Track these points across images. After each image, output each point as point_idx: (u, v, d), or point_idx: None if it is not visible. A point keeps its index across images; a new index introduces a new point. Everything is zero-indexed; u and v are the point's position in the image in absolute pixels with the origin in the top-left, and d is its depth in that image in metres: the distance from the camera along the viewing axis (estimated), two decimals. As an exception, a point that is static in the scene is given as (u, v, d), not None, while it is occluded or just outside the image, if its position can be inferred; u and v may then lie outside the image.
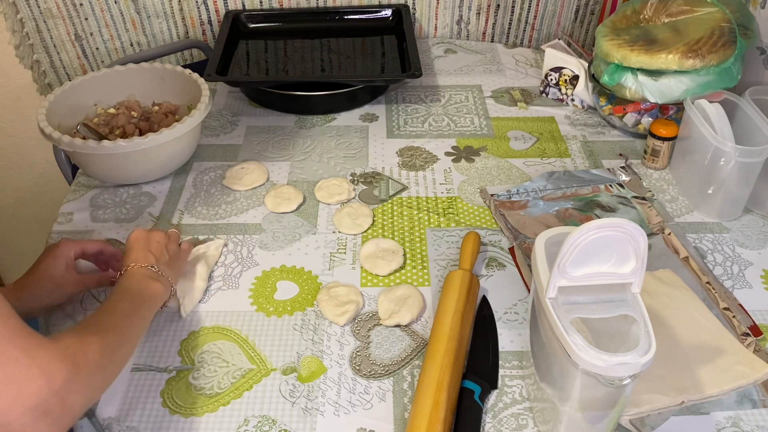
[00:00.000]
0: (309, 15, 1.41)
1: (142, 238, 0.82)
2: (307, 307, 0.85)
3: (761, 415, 0.72)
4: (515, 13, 1.45)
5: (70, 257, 0.83)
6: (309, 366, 0.78)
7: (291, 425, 0.72)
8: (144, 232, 0.83)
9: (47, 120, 0.99)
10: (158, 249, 0.81)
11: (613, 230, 0.58)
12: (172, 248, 0.85)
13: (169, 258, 0.82)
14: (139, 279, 0.76)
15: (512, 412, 0.73)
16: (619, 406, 0.63)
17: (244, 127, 1.19)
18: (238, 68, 1.26)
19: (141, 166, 1.02)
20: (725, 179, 0.94)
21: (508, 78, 1.34)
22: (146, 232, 0.83)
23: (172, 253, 0.84)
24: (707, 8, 1.05)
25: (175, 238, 0.88)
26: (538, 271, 0.63)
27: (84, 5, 1.36)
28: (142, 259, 0.78)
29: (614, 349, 0.57)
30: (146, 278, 0.76)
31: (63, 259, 0.82)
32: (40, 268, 0.81)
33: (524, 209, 0.99)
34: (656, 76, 1.05)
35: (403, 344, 0.81)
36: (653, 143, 1.06)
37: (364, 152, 1.13)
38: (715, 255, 0.93)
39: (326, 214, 1.00)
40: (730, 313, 0.82)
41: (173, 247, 0.85)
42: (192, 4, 1.39)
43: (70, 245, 0.83)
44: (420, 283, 0.88)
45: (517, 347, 0.80)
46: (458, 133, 1.18)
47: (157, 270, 0.78)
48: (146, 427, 0.72)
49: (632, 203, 1.00)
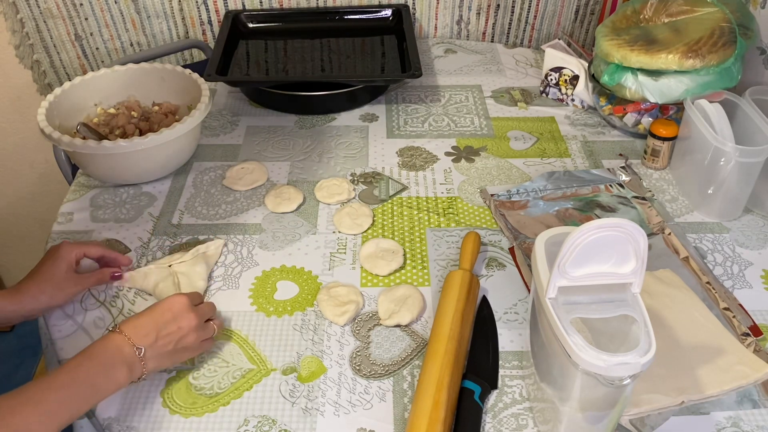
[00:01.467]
0: (309, 15, 1.41)
1: (181, 310, 0.74)
2: (307, 307, 0.85)
3: (761, 415, 0.72)
4: (515, 13, 1.45)
5: (71, 260, 0.83)
6: (309, 366, 0.78)
7: (291, 425, 0.72)
8: (188, 302, 0.75)
9: (47, 120, 0.99)
10: (186, 328, 0.74)
11: (613, 230, 0.58)
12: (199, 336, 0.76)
13: (184, 346, 0.74)
14: (111, 356, 0.69)
15: (512, 412, 0.73)
16: (619, 406, 0.63)
17: (244, 127, 1.19)
18: (238, 68, 1.26)
19: (141, 166, 1.02)
20: (725, 179, 0.94)
21: (508, 78, 1.34)
22: (190, 304, 0.75)
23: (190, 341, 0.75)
24: (707, 8, 1.05)
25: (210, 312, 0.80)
26: (538, 271, 0.63)
27: (84, 5, 1.36)
28: (142, 334, 0.71)
29: (614, 349, 0.57)
30: (117, 359, 0.69)
31: (64, 262, 0.82)
32: (40, 271, 0.81)
33: (524, 209, 0.99)
34: (656, 76, 1.05)
35: (403, 344, 0.81)
36: (653, 143, 1.06)
37: (364, 152, 1.13)
38: (715, 255, 0.93)
39: (326, 214, 1.00)
40: (730, 313, 0.82)
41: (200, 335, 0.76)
42: (192, 4, 1.39)
43: (71, 248, 0.83)
44: (420, 283, 0.88)
45: (517, 347, 0.80)
46: (458, 133, 1.18)
47: (142, 356, 0.70)
48: (146, 427, 0.72)
49: (632, 203, 1.00)
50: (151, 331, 0.71)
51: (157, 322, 0.72)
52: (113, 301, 0.86)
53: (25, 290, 0.80)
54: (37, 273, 0.81)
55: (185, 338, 0.74)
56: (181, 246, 0.94)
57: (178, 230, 0.97)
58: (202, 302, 0.80)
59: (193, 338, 0.74)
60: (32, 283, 0.81)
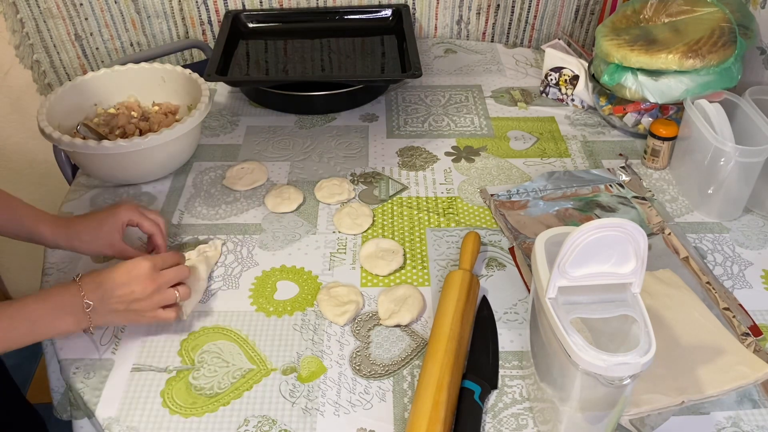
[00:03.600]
0: (309, 15, 1.41)
1: (138, 275, 0.75)
2: (307, 307, 0.85)
3: (761, 415, 0.72)
4: (515, 13, 1.45)
5: (121, 222, 0.86)
6: (309, 366, 0.78)
7: (291, 425, 0.72)
8: (148, 268, 0.76)
9: (47, 120, 0.99)
10: (138, 292, 0.74)
11: (613, 230, 0.58)
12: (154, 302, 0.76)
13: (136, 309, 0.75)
14: (61, 303, 0.72)
15: (512, 412, 0.73)
16: (619, 406, 0.63)
17: (244, 127, 1.19)
18: (238, 68, 1.26)
19: (141, 166, 1.02)
20: (725, 179, 0.94)
21: (508, 78, 1.34)
22: (151, 269, 0.76)
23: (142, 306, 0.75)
24: (707, 8, 1.05)
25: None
26: (538, 271, 0.63)
27: (84, 5, 1.36)
28: (95, 289, 0.73)
29: (614, 349, 0.57)
30: (67, 307, 0.72)
31: (113, 219, 0.85)
32: (89, 217, 0.86)
33: (524, 209, 0.99)
34: (656, 76, 1.05)
35: (403, 344, 0.81)
36: (653, 143, 1.06)
37: (364, 152, 1.13)
38: (715, 255, 0.93)
39: (326, 214, 1.00)
40: (730, 313, 0.82)
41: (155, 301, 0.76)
42: (192, 4, 1.39)
43: (127, 211, 0.86)
44: (420, 283, 0.88)
45: (517, 347, 0.80)
46: (458, 133, 1.18)
47: (89, 310, 0.72)
48: (146, 427, 0.72)
49: (632, 203, 1.00)
50: (106, 290, 0.74)
51: (114, 281, 0.74)
52: (113, 301, 0.86)
53: (66, 225, 0.84)
54: (87, 217, 0.87)
55: (137, 302, 0.75)
56: (181, 246, 0.94)
57: (178, 230, 0.97)
58: (176, 264, 0.80)
59: (146, 304, 0.76)
60: (76, 223, 0.85)
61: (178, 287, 0.79)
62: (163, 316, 0.78)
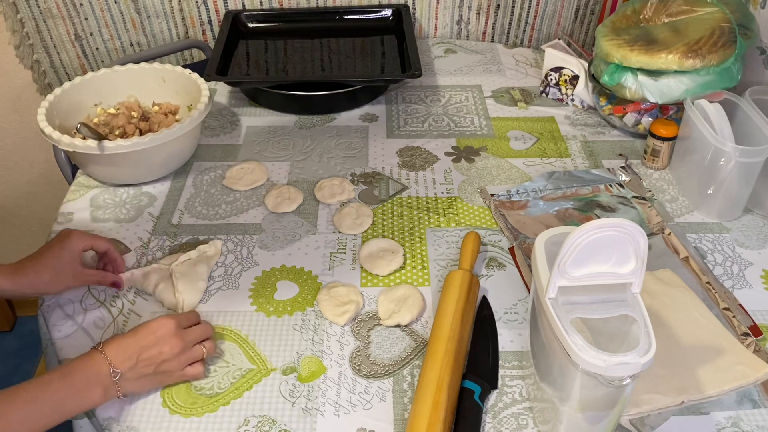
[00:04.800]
0: (309, 15, 1.41)
1: (165, 334, 0.72)
2: (307, 307, 0.85)
3: (761, 415, 0.72)
4: (515, 13, 1.45)
5: (78, 251, 0.82)
6: (309, 366, 0.78)
7: (291, 425, 0.72)
8: (174, 326, 0.73)
9: (47, 120, 0.99)
10: (167, 353, 0.72)
11: (613, 230, 0.58)
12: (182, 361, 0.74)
13: (165, 371, 0.73)
14: (87, 377, 0.68)
15: (512, 412, 0.73)
16: (619, 406, 0.63)
17: (244, 127, 1.19)
18: (238, 68, 1.26)
19: (141, 166, 1.02)
20: (725, 179, 0.94)
21: (508, 78, 1.34)
22: (177, 327, 0.74)
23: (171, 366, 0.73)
24: (707, 8, 1.05)
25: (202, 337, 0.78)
26: (538, 271, 0.63)
27: (84, 5, 1.36)
28: (122, 357, 0.70)
29: (614, 349, 0.57)
30: (93, 380, 0.69)
31: (70, 252, 0.81)
32: (44, 256, 0.81)
33: (524, 209, 0.99)
34: (656, 76, 1.05)
35: (403, 344, 0.81)
36: (653, 143, 1.06)
37: (364, 152, 1.13)
38: (715, 255, 0.93)
39: (326, 214, 1.00)
40: (730, 313, 0.82)
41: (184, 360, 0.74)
42: (192, 4, 1.39)
43: (80, 239, 0.83)
44: (420, 283, 0.88)
45: (517, 347, 0.80)
46: (458, 133, 1.18)
47: (118, 379, 0.70)
48: (146, 427, 0.72)
49: (632, 203, 1.00)
50: (132, 355, 0.70)
51: (140, 344, 0.71)
52: (113, 301, 0.86)
53: (24, 272, 0.79)
54: (41, 256, 0.80)
55: (166, 363, 0.72)
56: (181, 246, 0.94)
57: (178, 230, 0.97)
58: (197, 323, 0.78)
59: (175, 364, 0.73)
60: (33, 266, 0.80)
61: (204, 343, 0.76)
62: (192, 373, 0.75)
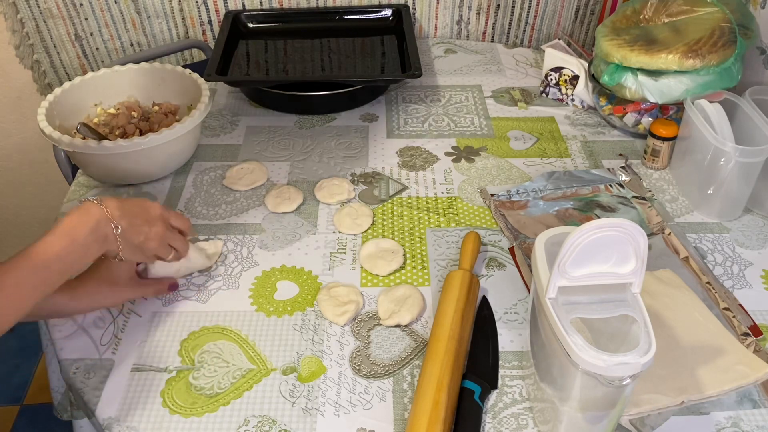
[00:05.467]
0: (309, 15, 1.41)
1: (155, 217, 0.77)
2: (307, 307, 0.85)
3: (761, 415, 0.72)
4: (515, 13, 1.45)
5: (134, 264, 0.82)
6: (309, 366, 0.78)
7: (291, 425, 0.72)
8: (163, 214, 0.78)
9: (47, 120, 0.99)
10: (152, 233, 0.76)
11: (613, 230, 0.58)
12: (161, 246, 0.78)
13: (144, 247, 0.76)
14: (89, 232, 0.69)
15: (512, 412, 0.73)
16: (619, 406, 0.63)
17: (244, 127, 1.19)
18: (238, 68, 1.26)
19: (141, 166, 1.02)
20: (725, 179, 0.94)
21: (508, 78, 1.34)
22: (166, 218, 0.79)
23: (151, 246, 0.77)
24: (707, 8, 1.05)
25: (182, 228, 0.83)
26: (538, 271, 0.63)
27: (84, 5, 1.36)
28: (119, 215, 0.71)
29: (614, 349, 0.57)
30: (99, 235, 0.70)
31: (128, 267, 0.81)
32: (103, 271, 0.79)
33: (524, 209, 0.99)
34: (656, 76, 1.05)
35: (403, 344, 0.81)
36: (653, 143, 1.06)
37: (364, 152, 1.13)
38: (715, 255, 0.93)
39: (326, 214, 1.00)
40: (730, 313, 0.82)
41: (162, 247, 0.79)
42: (192, 4, 1.39)
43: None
44: (420, 283, 0.88)
45: (517, 347, 0.80)
46: (458, 133, 1.18)
47: (118, 233, 0.71)
48: (146, 427, 0.72)
49: (632, 203, 1.00)
50: (131, 218, 0.73)
51: (135, 213, 0.74)
52: (113, 301, 0.86)
53: (84, 290, 0.78)
54: (99, 272, 0.79)
55: (149, 241, 0.76)
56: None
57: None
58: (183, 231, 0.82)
59: (154, 244, 0.77)
60: (92, 283, 0.79)
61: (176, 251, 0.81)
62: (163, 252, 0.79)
